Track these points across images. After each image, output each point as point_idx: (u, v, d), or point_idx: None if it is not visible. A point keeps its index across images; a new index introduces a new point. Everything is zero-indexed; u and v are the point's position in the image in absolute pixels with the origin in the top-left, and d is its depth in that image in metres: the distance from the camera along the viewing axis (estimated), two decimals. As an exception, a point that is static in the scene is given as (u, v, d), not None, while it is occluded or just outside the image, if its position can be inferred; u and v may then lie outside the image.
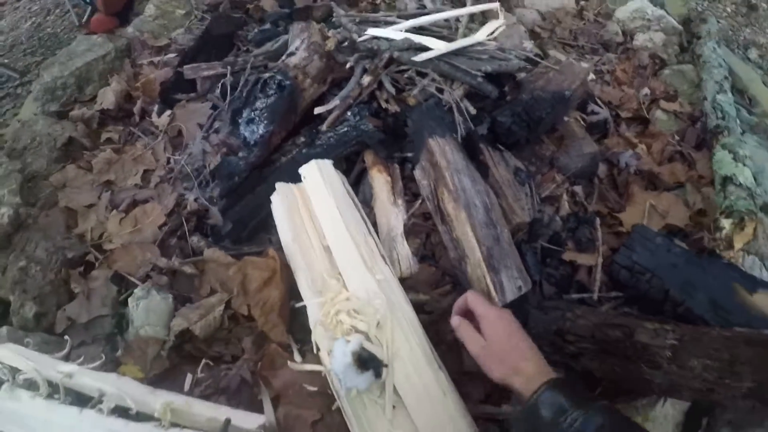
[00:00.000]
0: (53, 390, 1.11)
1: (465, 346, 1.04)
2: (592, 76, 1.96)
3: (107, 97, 1.86)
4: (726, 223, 1.48)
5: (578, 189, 1.47)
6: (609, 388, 1.24)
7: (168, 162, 1.63)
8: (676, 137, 1.84)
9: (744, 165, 1.64)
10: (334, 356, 1.02)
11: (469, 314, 1.07)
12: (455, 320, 1.07)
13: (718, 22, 2.55)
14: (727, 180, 1.61)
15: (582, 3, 2.51)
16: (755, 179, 1.64)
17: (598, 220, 1.43)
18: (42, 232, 1.53)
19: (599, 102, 1.73)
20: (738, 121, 1.88)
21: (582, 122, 1.61)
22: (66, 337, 1.30)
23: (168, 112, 1.72)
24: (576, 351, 1.19)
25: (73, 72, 1.92)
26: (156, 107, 1.77)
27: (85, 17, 2.36)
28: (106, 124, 1.84)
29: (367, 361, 1.03)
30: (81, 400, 1.13)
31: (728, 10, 2.77)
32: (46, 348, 1.28)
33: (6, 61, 2.47)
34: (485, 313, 1.03)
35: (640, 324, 1.16)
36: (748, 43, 2.63)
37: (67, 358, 1.22)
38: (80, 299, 1.39)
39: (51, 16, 2.63)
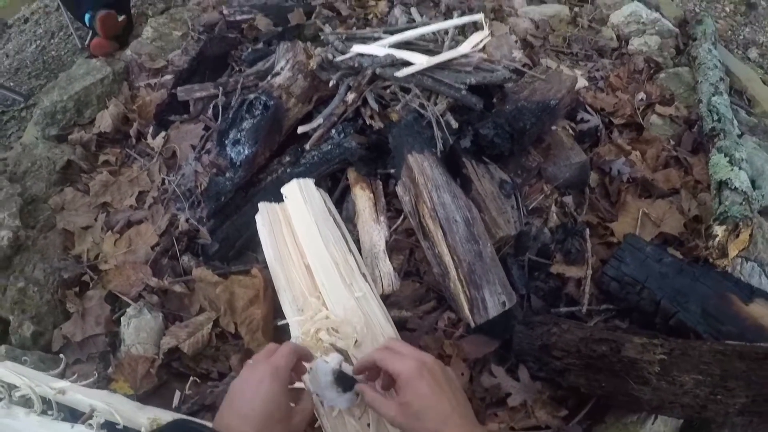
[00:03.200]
0: (48, 406, 1.13)
1: (379, 413, 0.91)
2: (585, 83, 1.94)
3: (105, 121, 1.89)
4: (719, 230, 1.45)
5: (568, 199, 1.46)
6: (597, 405, 1.23)
7: (162, 183, 1.65)
8: (672, 142, 1.81)
9: (740, 168, 1.60)
10: (314, 375, 1.02)
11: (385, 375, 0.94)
12: (361, 387, 0.96)
13: (717, 22, 2.51)
14: (722, 184, 1.57)
15: (576, 10, 2.50)
16: (753, 183, 1.60)
17: (587, 231, 1.42)
18: (40, 254, 1.57)
19: (590, 110, 1.72)
20: (735, 123, 1.84)
21: (571, 131, 1.60)
22: (61, 355, 1.33)
23: (163, 133, 1.75)
24: (562, 367, 1.18)
25: (72, 96, 1.96)
26: (151, 129, 1.79)
27: (87, 40, 2.39)
28: (104, 147, 1.88)
29: (346, 381, 1.03)
30: (75, 415, 1.15)
31: (727, 9, 2.74)
32: (42, 366, 1.31)
33: (11, 84, 2.52)
34: (400, 371, 0.87)
35: (627, 338, 1.15)
36: (748, 42, 2.59)
37: (62, 376, 1.24)
38: (75, 318, 1.43)
39: (55, 39, 2.68)
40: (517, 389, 1.22)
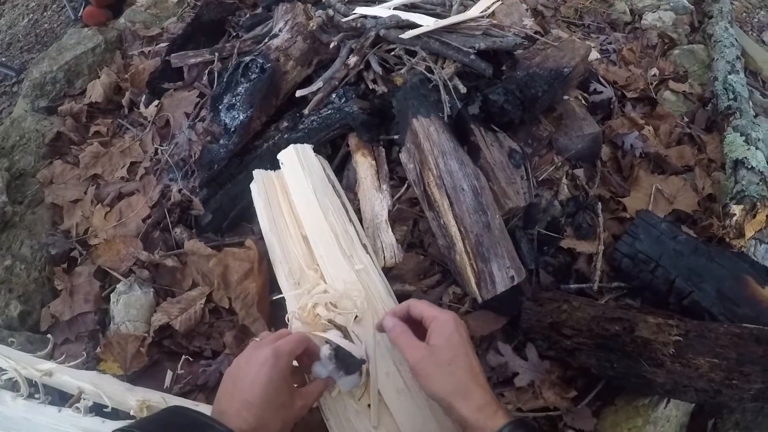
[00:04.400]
0: (35, 390, 1.09)
1: (402, 352, 0.89)
2: (597, 55, 1.87)
3: (96, 90, 1.82)
4: (737, 210, 1.40)
5: (579, 172, 1.39)
6: (607, 386, 1.18)
7: (155, 153, 1.59)
8: (685, 119, 1.75)
9: (756, 148, 1.55)
10: (319, 372, 0.96)
11: (410, 323, 0.92)
12: (389, 321, 0.92)
13: (732, 3, 2.44)
14: (738, 163, 1.53)
15: (589, -19, 2.42)
16: (769, 164, 1.55)
17: (599, 205, 1.35)
18: (28, 230, 1.51)
19: (603, 81, 1.64)
20: (751, 104, 1.79)
21: (584, 102, 1.53)
22: (49, 335, 1.28)
23: (156, 102, 1.68)
24: (572, 346, 1.12)
25: (62, 66, 1.90)
26: (144, 97, 1.72)
27: (81, 11, 2.32)
28: (95, 118, 1.81)
29: (345, 361, 0.96)
30: (64, 398, 1.10)
31: (742, -9, 2.66)
32: (30, 347, 1.26)
33: (3, 59, 2.45)
34: (437, 315, 0.87)
35: (641, 318, 1.10)
36: (763, 25, 2.51)
37: (50, 357, 1.19)
38: (64, 296, 1.37)
39: (48, 11, 2.61)
40: (525, 369, 1.17)
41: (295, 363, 0.98)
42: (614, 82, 1.75)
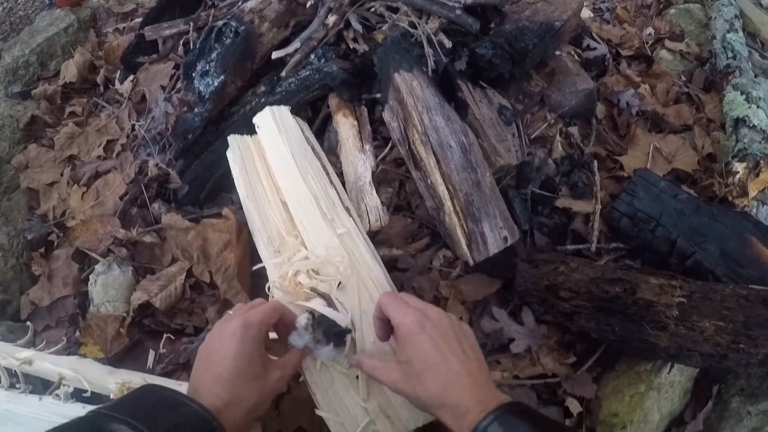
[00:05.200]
0: (17, 379, 1.06)
1: (379, 380, 0.83)
2: (589, 14, 1.80)
3: (70, 71, 1.76)
4: (739, 167, 1.35)
5: (573, 130, 1.33)
6: (607, 351, 1.14)
7: (132, 129, 1.53)
8: (683, 78, 1.69)
9: (758, 107, 1.49)
10: (295, 342, 0.90)
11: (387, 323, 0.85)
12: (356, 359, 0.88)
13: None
14: (739, 122, 1.47)
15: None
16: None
17: (596, 163, 1.29)
18: (4, 217, 1.47)
19: (596, 37, 1.58)
20: (750, 64, 1.73)
21: (577, 57, 1.46)
22: (28, 323, 1.25)
23: (131, 77, 1.62)
24: (570, 309, 1.07)
25: (35, 49, 1.83)
26: (118, 74, 1.66)
27: (54, -5, 2.25)
28: (70, 98, 1.74)
29: (326, 330, 0.90)
30: (48, 386, 1.07)
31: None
32: (11, 336, 1.22)
33: (-24, 49, 2.38)
34: (400, 322, 0.79)
35: (643, 279, 1.05)
36: (762, -12, 2.45)
37: (31, 345, 1.16)
38: (42, 282, 1.33)
39: (22, -2, 2.53)
40: (521, 334, 1.12)
41: (274, 335, 0.93)
42: (608, 40, 1.68)
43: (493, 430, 0.67)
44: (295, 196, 1.04)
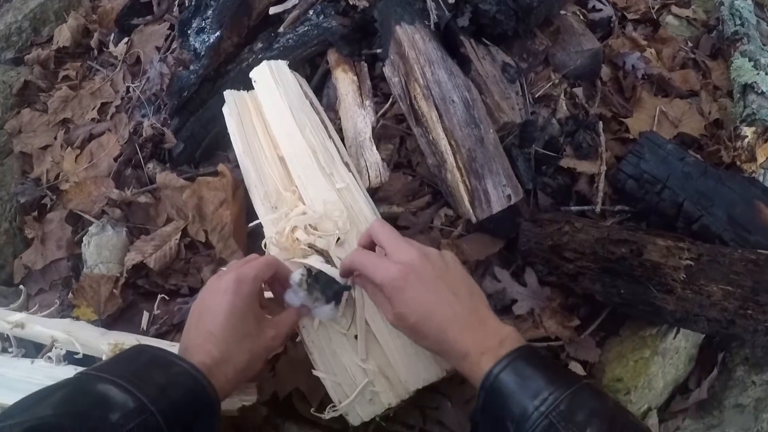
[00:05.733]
0: (9, 344, 1.03)
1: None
2: (593, -21, 1.77)
3: (63, 35, 1.72)
4: (748, 132, 1.32)
5: (578, 91, 1.30)
6: (611, 315, 1.12)
7: (127, 92, 1.50)
8: (689, 44, 1.65)
9: (766, 74, 1.46)
10: (290, 300, 0.88)
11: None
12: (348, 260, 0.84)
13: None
14: (747, 88, 1.44)
15: None
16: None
17: (601, 124, 1.26)
18: (-3, 183, 1.45)
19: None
20: (758, 33, 1.69)
21: (582, 18, 1.43)
22: (21, 286, 1.23)
23: (125, 39, 1.58)
24: (575, 270, 1.04)
25: (27, 15, 1.79)
26: (113, 36, 1.63)
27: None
28: (63, 63, 1.71)
29: (325, 288, 0.88)
30: (40, 350, 1.03)
31: None
32: (5, 301, 1.21)
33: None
34: (381, 280, 0.75)
35: (650, 240, 1.02)
36: (769, -44, 2.41)
37: (25, 309, 1.13)
38: (35, 245, 1.32)
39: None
40: (524, 295, 1.09)
41: (270, 295, 0.91)
42: (614, 3, 1.64)
43: (506, 376, 0.66)
44: (293, 151, 1.01)
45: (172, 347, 0.94)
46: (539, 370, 0.66)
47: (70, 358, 0.99)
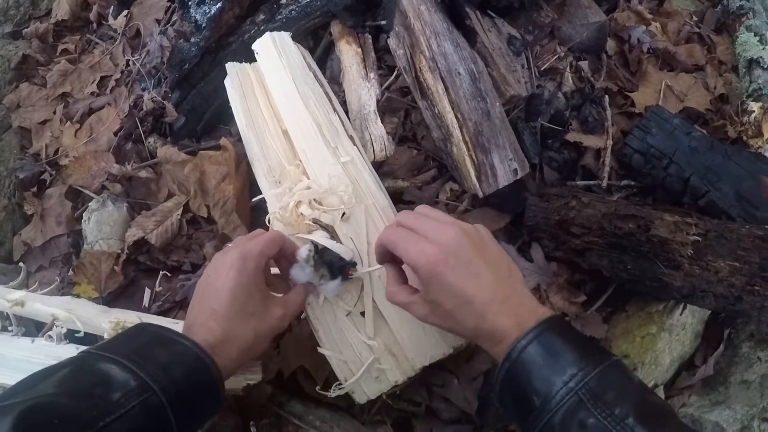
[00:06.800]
0: (10, 322, 1.02)
1: (407, 310, 0.77)
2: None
3: (62, 8, 1.69)
4: (755, 107, 1.31)
5: (583, 64, 1.27)
6: (618, 291, 1.11)
7: (126, 65, 1.47)
8: (694, 18, 1.63)
9: (772, 49, 1.45)
10: (297, 276, 0.86)
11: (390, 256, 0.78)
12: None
13: None
14: (753, 62, 1.43)
15: None
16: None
17: (606, 98, 1.24)
18: (-5, 158, 1.42)
19: (606, -28, 1.52)
20: (763, 7, 1.67)
21: (588, -9, 1.41)
22: (20, 263, 1.21)
23: (125, 12, 1.56)
24: (582, 246, 1.03)
25: (26, -12, 1.76)
26: (112, 9, 1.61)
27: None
28: (62, 36, 1.68)
29: (332, 264, 0.86)
30: (40, 328, 1.03)
31: None
32: (4, 279, 1.20)
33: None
34: (417, 263, 0.70)
35: (658, 215, 1.01)
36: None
37: (25, 287, 1.11)
38: (35, 221, 1.30)
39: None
40: (531, 271, 1.08)
41: (276, 271, 0.90)
42: (617, -22, 1.63)
43: (533, 349, 0.63)
44: (297, 124, 0.99)
45: (174, 325, 0.93)
46: (568, 344, 0.63)
47: (71, 336, 0.98)
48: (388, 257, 0.79)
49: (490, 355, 0.70)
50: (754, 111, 1.31)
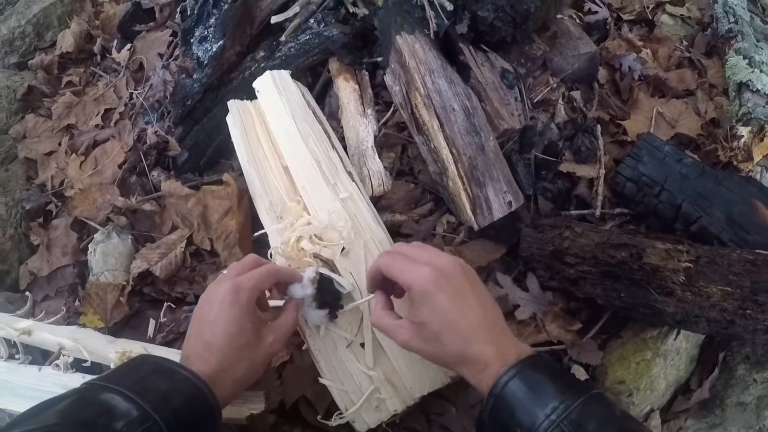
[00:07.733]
0: (16, 350, 1.04)
1: (388, 336, 0.80)
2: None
3: (67, 41, 1.72)
4: (744, 131, 1.32)
5: (576, 94, 1.30)
6: (612, 318, 1.13)
7: (130, 98, 1.50)
8: (684, 43, 1.65)
9: (761, 71, 1.46)
10: (295, 292, 0.89)
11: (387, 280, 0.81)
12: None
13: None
14: (742, 86, 1.44)
15: None
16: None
17: (599, 128, 1.27)
18: (2, 187, 1.45)
19: (597, 2, 1.55)
20: (752, 29, 1.70)
21: (578, 21, 1.44)
22: (27, 293, 1.24)
23: (128, 46, 1.59)
24: (576, 275, 1.05)
25: (30, 20, 1.79)
26: (115, 43, 1.64)
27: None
28: (67, 68, 1.71)
29: (328, 294, 0.89)
30: (47, 357, 1.06)
31: None
32: (10, 307, 1.22)
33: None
34: (412, 282, 0.73)
35: (649, 243, 1.03)
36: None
37: (31, 315, 1.15)
38: (41, 251, 1.32)
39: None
40: (526, 301, 1.10)
41: (275, 303, 0.92)
42: (609, 4, 1.65)
43: (515, 384, 0.65)
44: (297, 161, 1.02)
45: (178, 356, 0.96)
46: (549, 379, 0.65)
47: (77, 365, 1.01)
48: (379, 285, 0.83)
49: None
50: (743, 136, 1.32)
